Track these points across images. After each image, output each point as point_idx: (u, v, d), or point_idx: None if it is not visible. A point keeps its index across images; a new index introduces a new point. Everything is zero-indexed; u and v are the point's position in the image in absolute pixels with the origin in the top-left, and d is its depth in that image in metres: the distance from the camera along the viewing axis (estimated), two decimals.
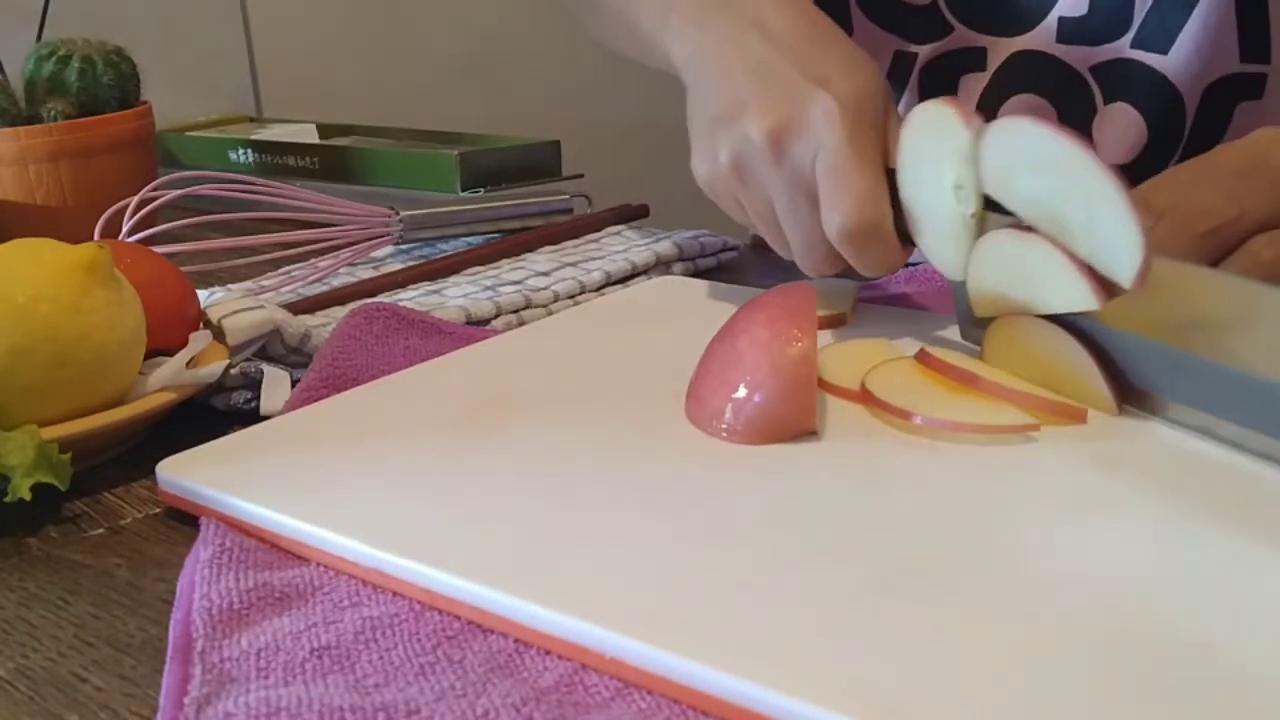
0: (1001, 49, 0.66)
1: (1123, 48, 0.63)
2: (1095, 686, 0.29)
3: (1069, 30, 0.64)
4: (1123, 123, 0.63)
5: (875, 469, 0.41)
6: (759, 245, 0.80)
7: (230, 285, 0.67)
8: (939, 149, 0.46)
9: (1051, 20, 0.64)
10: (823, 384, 0.47)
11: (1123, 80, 0.63)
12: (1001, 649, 0.30)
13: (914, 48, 0.68)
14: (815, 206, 0.49)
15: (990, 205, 0.45)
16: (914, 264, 0.69)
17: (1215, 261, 0.44)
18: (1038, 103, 0.66)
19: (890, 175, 0.49)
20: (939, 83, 0.68)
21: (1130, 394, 0.44)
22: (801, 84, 0.49)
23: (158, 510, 0.45)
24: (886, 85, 0.51)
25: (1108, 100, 0.64)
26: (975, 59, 0.67)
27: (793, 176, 0.49)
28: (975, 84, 0.67)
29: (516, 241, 0.74)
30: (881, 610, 0.32)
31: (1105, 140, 0.64)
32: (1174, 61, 0.61)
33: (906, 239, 0.50)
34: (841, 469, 0.41)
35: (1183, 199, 0.44)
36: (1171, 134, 0.63)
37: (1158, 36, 0.62)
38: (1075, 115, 0.65)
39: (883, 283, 0.63)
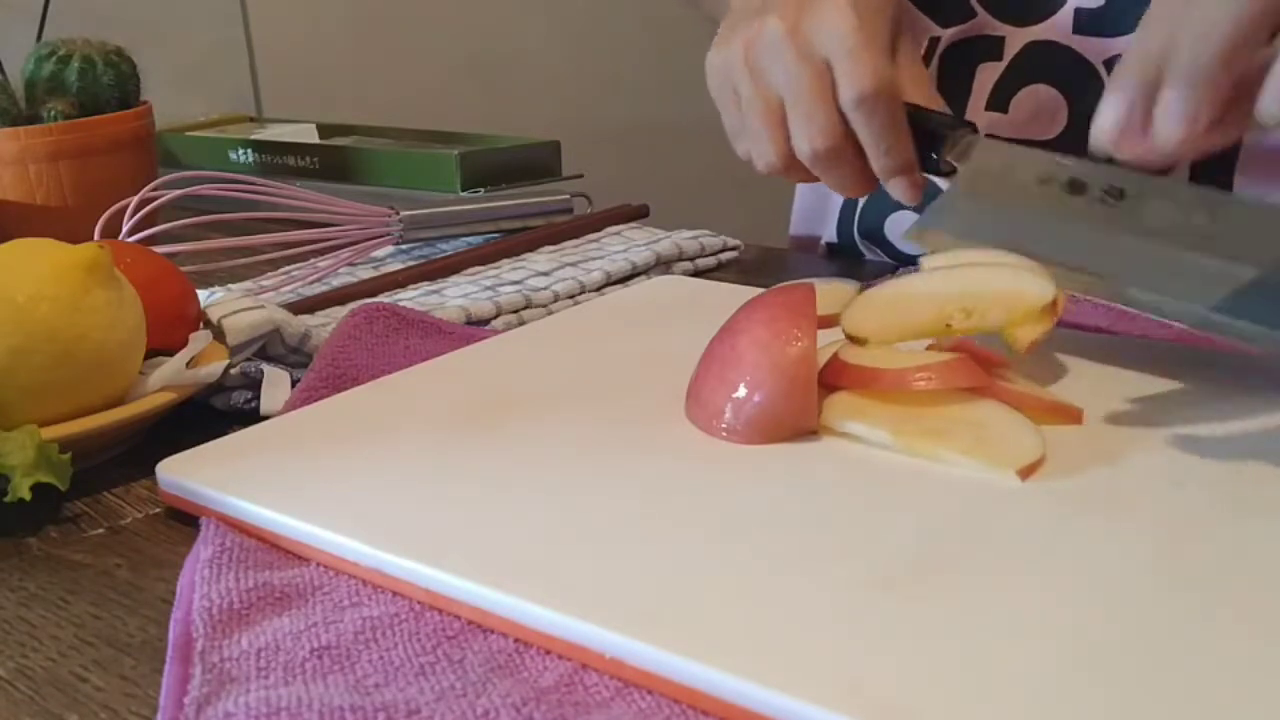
0: (1018, 38, 0.66)
1: None
2: (1096, 686, 0.29)
3: (1085, 21, 0.64)
4: None
5: (875, 469, 0.41)
6: (799, 247, 0.80)
7: (230, 285, 0.67)
8: None
9: (1068, 10, 0.64)
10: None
11: None
12: (1001, 649, 0.30)
13: (938, 31, 0.69)
14: (822, 88, 0.54)
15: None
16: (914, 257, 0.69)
17: (1254, 81, 0.42)
18: (1050, 94, 0.66)
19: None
20: (957, 70, 0.68)
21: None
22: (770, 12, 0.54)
23: (158, 510, 0.45)
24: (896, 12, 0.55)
25: None
26: (993, 47, 0.67)
27: (803, 58, 0.54)
28: (991, 73, 0.67)
29: (516, 241, 0.74)
30: (881, 610, 0.32)
31: None
32: None
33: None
34: (841, 469, 0.41)
35: (1176, 28, 0.44)
36: None
37: None
38: (1087, 108, 0.65)
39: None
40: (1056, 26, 0.65)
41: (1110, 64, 0.64)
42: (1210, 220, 0.44)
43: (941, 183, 0.55)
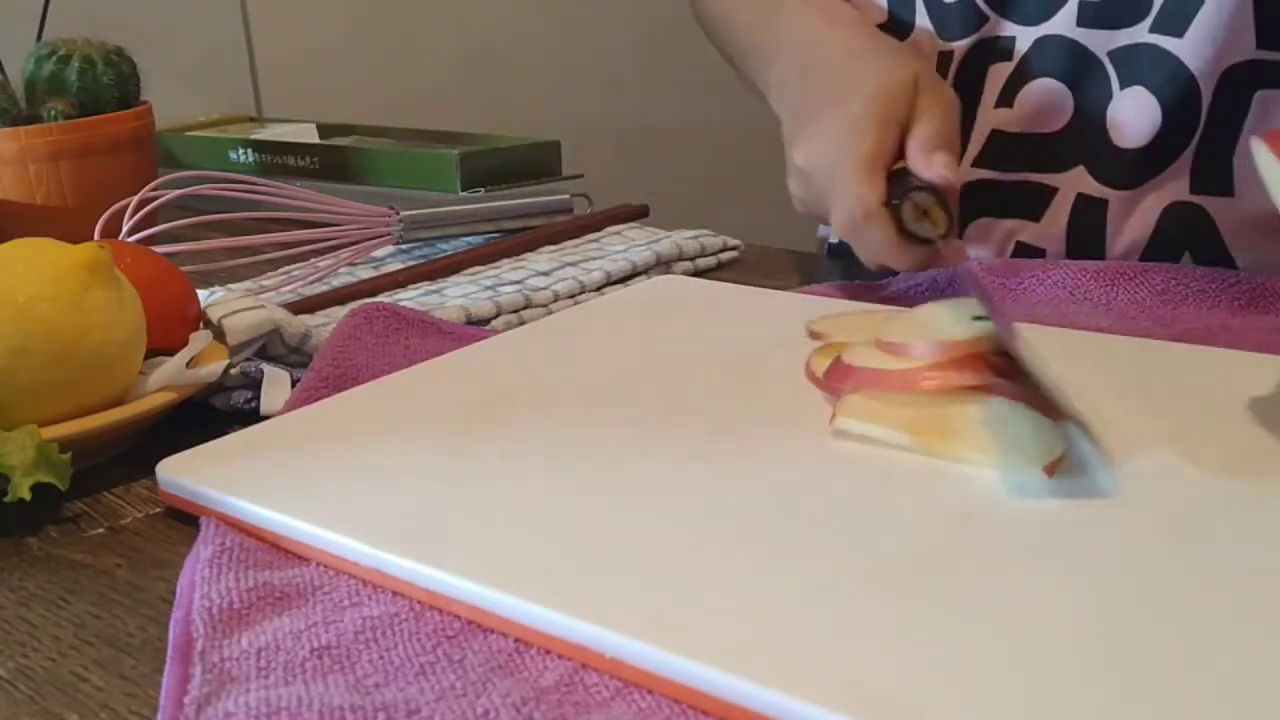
0: (1028, 36, 0.66)
1: (1141, 31, 0.63)
2: (1096, 686, 0.29)
3: (1089, 14, 0.64)
4: (1136, 107, 0.63)
5: (875, 469, 0.41)
6: (835, 253, 0.80)
7: (230, 285, 0.67)
8: None
9: (1072, 4, 0.64)
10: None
11: (1138, 64, 0.63)
12: (1001, 649, 0.30)
13: (950, 45, 0.69)
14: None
15: None
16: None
17: None
18: (1055, 87, 0.66)
19: (902, 172, 0.55)
20: (971, 75, 0.69)
21: None
22: (825, 111, 0.59)
23: (158, 510, 0.45)
24: (910, 79, 0.58)
25: (1124, 85, 0.64)
26: (1004, 48, 0.67)
27: (809, 187, 0.60)
28: (1001, 73, 0.68)
29: (516, 241, 0.74)
30: (881, 610, 0.32)
31: (1120, 125, 0.64)
32: (1189, 45, 0.61)
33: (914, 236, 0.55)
34: (841, 469, 0.41)
35: None
36: (1187, 120, 0.63)
37: (1175, 19, 0.62)
38: (1091, 100, 0.65)
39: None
40: (1062, 20, 0.65)
41: (1114, 55, 0.64)
42: None
43: None
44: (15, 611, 0.38)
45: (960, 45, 0.68)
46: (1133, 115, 0.64)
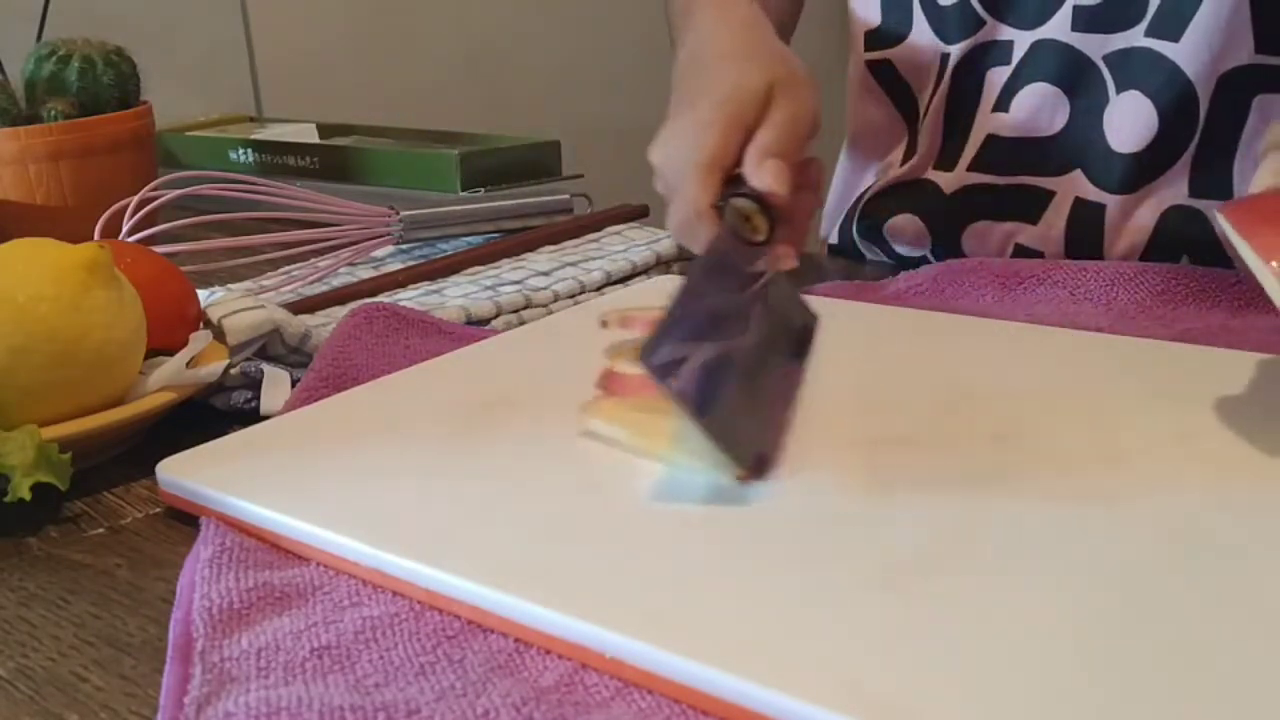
0: (1025, 40, 0.66)
1: (1137, 36, 0.63)
2: (1096, 686, 0.29)
3: (1084, 18, 0.64)
4: (1133, 112, 0.63)
5: (874, 469, 0.41)
6: (835, 253, 0.80)
7: (230, 285, 0.67)
8: None
9: (1067, 9, 0.64)
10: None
11: (1135, 69, 0.63)
12: (1002, 648, 0.30)
13: (948, 48, 0.69)
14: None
15: None
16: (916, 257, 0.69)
17: None
18: (1051, 92, 0.66)
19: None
20: (968, 79, 0.69)
21: None
22: (683, 112, 0.58)
23: (158, 510, 0.45)
24: (764, 86, 0.57)
25: (1120, 89, 0.64)
26: (1002, 52, 0.67)
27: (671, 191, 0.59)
28: (999, 77, 0.68)
29: (516, 241, 0.74)
30: (881, 610, 0.32)
31: (1116, 130, 0.64)
32: (1185, 49, 0.61)
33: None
34: (841, 469, 0.41)
35: None
36: (1185, 124, 0.63)
37: (1171, 23, 0.62)
38: (1087, 104, 0.65)
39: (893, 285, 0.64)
40: (1057, 25, 0.65)
41: (1110, 59, 0.64)
42: None
43: None
44: (15, 611, 0.38)
45: (957, 48, 0.69)
46: (1129, 119, 0.64)
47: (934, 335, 0.54)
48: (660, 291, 0.63)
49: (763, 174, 0.53)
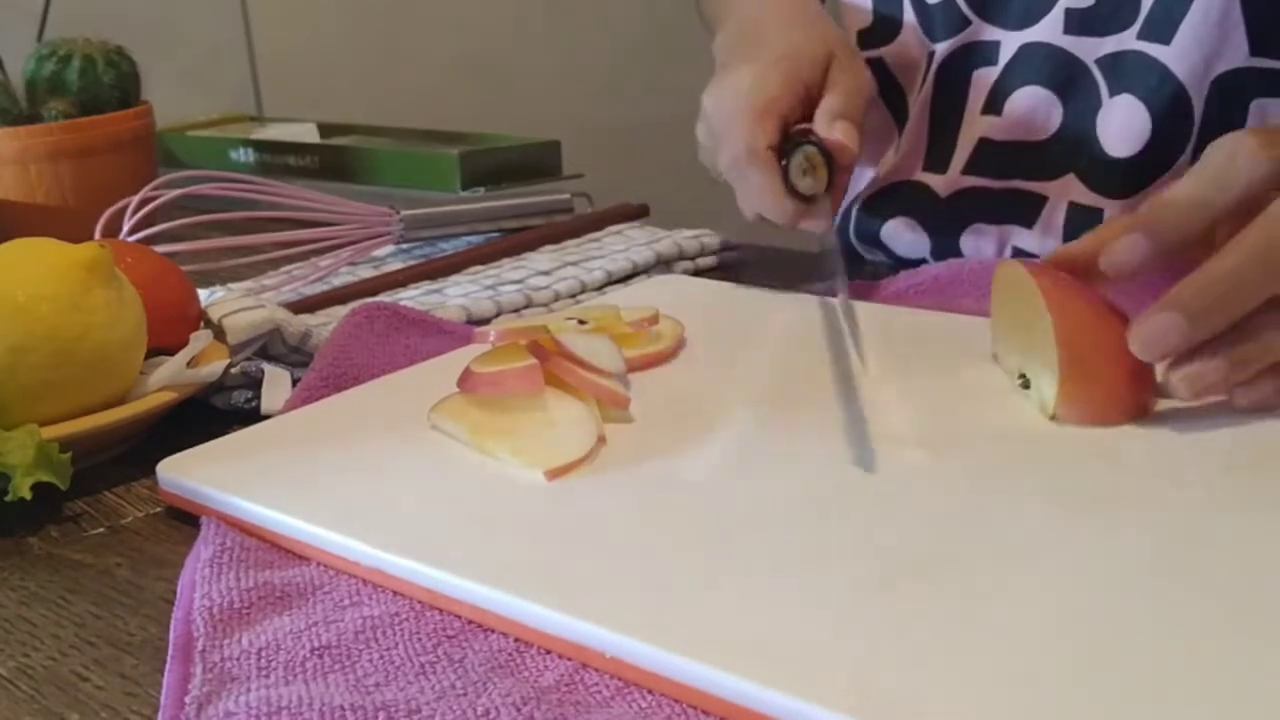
0: (1012, 42, 0.66)
1: (1129, 39, 0.62)
2: (1095, 686, 0.29)
3: (1075, 21, 0.64)
4: (1126, 115, 0.63)
5: (874, 469, 0.41)
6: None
7: (230, 285, 0.67)
8: None
9: (1058, 11, 0.64)
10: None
11: (1127, 72, 0.63)
12: (1002, 648, 0.30)
13: (933, 46, 0.69)
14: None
15: None
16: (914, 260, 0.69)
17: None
18: (1043, 95, 0.65)
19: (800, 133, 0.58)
20: (954, 78, 0.68)
21: None
22: (740, 65, 0.60)
23: (158, 509, 0.45)
24: (825, 52, 0.61)
25: (1113, 93, 0.63)
26: (988, 53, 0.67)
27: (707, 126, 0.61)
28: (986, 78, 0.67)
29: (517, 241, 0.74)
30: (881, 610, 0.32)
31: (1110, 134, 0.64)
32: (1175, 52, 0.61)
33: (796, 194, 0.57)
34: (840, 469, 0.41)
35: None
36: (1179, 128, 0.62)
37: (1162, 26, 0.61)
38: (1080, 109, 0.65)
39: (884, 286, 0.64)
40: (1048, 27, 0.65)
41: (1102, 63, 0.64)
42: None
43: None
44: (16, 611, 0.38)
45: (941, 47, 0.68)
46: (1123, 124, 0.63)
47: (934, 335, 0.54)
48: (660, 291, 0.63)
49: (834, 132, 0.56)
